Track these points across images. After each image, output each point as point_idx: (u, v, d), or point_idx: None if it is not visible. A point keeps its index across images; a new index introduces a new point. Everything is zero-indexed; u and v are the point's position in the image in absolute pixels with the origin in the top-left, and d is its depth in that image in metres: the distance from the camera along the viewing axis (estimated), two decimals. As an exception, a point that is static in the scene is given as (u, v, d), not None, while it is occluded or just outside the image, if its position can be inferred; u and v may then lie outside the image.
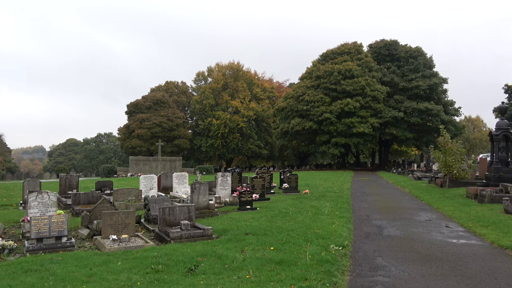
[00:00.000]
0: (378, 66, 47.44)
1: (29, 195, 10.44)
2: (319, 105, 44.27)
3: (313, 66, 49.58)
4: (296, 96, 47.00)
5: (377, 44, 50.39)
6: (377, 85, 44.27)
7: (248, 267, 6.44)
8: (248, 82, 61.30)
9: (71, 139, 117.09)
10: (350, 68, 44.42)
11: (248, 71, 63.88)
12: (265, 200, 15.30)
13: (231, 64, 63.11)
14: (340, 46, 49.33)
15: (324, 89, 45.32)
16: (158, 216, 9.52)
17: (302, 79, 51.36)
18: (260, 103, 60.64)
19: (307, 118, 45.23)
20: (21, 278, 5.84)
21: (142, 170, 44.61)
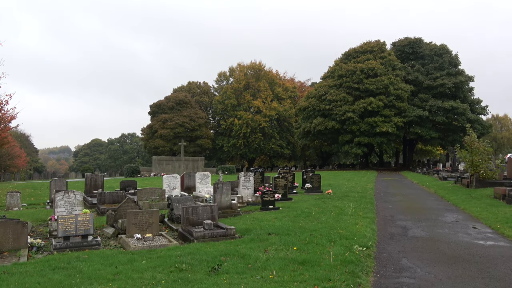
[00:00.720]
0: (402, 65, 46.65)
1: (56, 194, 10.70)
2: (342, 104, 43.87)
3: (336, 65, 49.16)
4: (318, 96, 46.71)
5: (400, 42, 49.58)
6: (401, 84, 43.56)
7: (271, 267, 6.41)
8: (270, 81, 61.26)
9: (96, 140, 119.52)
10: (373, 66, 43.86)
11: (269, 70, 63.85)
12: (287, 200, 15.24)
13: (253, 64, 63.21)
14: (363, 45, 48.75)
15: (347, 88, 44.89)
16: (182, 215, 9.60)
17: (324, 78, 51.00)
18: (282, 102, 60.51)
19: (330, 118, 44.89)
20: (49, 276, 5.97)
21: (165, 170, 45.15)
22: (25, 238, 8.08)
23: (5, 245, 7.78)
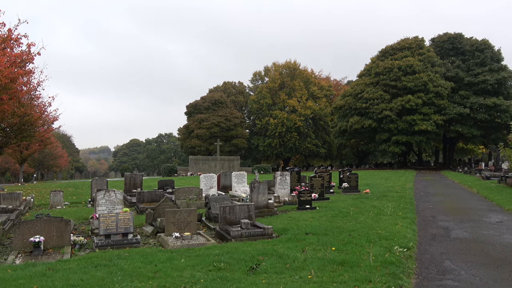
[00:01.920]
0: (442, 61, 45.11)
1: (97, 193, 11.00)
2: (379, 102, 42.96)
3: (372, 63, 48.17)
4: (354, 94, 45.94)
5: (440, 38, 47.99)
6: (440, 81, 42.15)
7: (310, 267, 6.31)
8: (305, 80, 60.81)
9: (134, 140, 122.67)
10: (411, 63, 42.64)
11: (304, 69, 63.41)
12: (324, 199, 15.03)
13: (288, 63, 62.96)
14: (400, 42, 47.50)
15: (384, 86, 43.92)
16: (219, 214, 9.64)
17: (360, 76, 50.11)
18: (317, 101, 59.94)
19: (366, 116, 44.06)
20: (92, 273, 6.11)
21: (201, 169, 45.72)
22: (68, 235, 8.34)
23: (50, 242, 8.05)
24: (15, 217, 11.58)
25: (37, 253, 7.50)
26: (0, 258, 7.62)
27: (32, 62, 20.12)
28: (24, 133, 27.55)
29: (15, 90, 19.47)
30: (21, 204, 14.23)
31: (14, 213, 12.07)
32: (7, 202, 13.86)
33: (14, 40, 18.62)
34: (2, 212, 11.87)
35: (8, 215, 11.42)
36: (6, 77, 17.00)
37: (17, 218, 11.77)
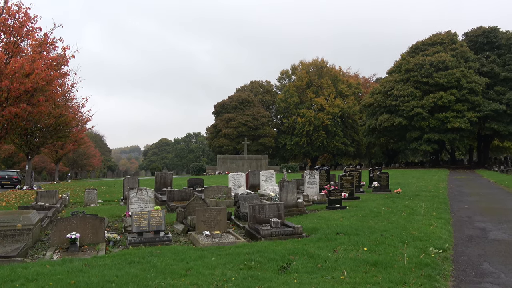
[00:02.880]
0: (476, 56, 43.66)
1: (129, 191, 11.23)
2: (409, 99, 42.03)
3: (402, 59, 47.18)
4: (384, 91, 45.13)
5: (473, 32, 46.47)
6: (474, 76, 40.82)
7: (342, 267, 6.23)
8: (333, 78, 60.21)
9: (163, 139, 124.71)
10: (443, 59, 41.48)
11: (332, 67, 62.78)
12: (354, 199, 14.83)
13: (315, 61, 62.50)
14: (432, 37, 46.31)
15: (415, 82, 42.91)
16: (248, 213, 9.66)
17: (390, 73, 49.19)
18: (346, 99, 59.24)
19: (396, 114, 43.20)
20: (126, 269, 6.23)
21: (229, 168, 45.99)
22: (103, 232, 8.54)
23: (85, 239, 8.28)
24: (52, 214, 11.97)
25: (73, 249, 7.72)
26: (39, 254, 7.90)
27: (67, 65, 20.79)
28: (59, 133, 28.49)
29: (51, 92, 20.15)
30: (57, 202, 14.70)
31: (51, 210, 12.48)
32: (44, 200, 14.34)
33: (50, 44, 19.26)
34: (40, 209, 12.28)
35: (45, 212, 11.82)
36: (42, 80, 17.62)
37: (54, 215, 12.16)
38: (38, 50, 18.68)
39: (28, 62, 17.23)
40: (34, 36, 18.89)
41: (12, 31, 18.30)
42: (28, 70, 17.10)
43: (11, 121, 18.11)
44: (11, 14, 18.24)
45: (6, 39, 18.26)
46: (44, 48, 19.07)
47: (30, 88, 17.37)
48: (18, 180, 33.66)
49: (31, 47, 18.96)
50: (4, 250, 7.30)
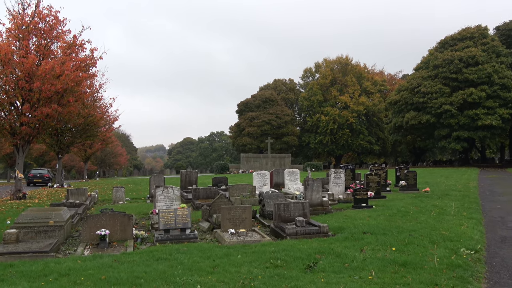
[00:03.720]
0: (508, 50, 42.26)
1: (156, 189, 11.39)
2: (437, 96, 41.10)
3: (430, 55, 46.16)
4: (410, 88, 44.27)
5: (506, 26, 45.01)
6: (506, 72, 39.53)
7: (369, 267, 6.14)
8: (358, 76, 59.48)
9: (187, 138, 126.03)
10: (473, 54, 40.34)
11: (357, 64, 62.03)
12: (381, 198, 14.60)
13: (339, 59, 61.86)
14: (461, 31, 45.07)
15: (443, 78, 41.92)
16: (273, 212, 9.64)
17: (417, 69, 48.21)
18: (371, 97, 58.44)
19: (424, 111, 42.32)
20: (154, 266, 6.33)
21: (252, 166, 46.09)
22: (131, 229, 8.69)
23: (114, 235, 8.44)
24: (82, 211, 12.28)
25: (103, 245, 7.89)
26: (70, 249, 8.11)
27: (95, 66, 21.21)
28: (88, 132, 29.16)
29: (80, 92, 20.62)
30: (86, 199, 15.07)
31: (81, 207, 12.80)
32: (75, 197, 14.74)
33: (79, 46, 19.70)
34: (70, 206, 12.62)
35: (75, 209, 12.13)
36: (72, 81, 18.05)
37: (84, 212, 12.47)
38: (67, 52, 19.14)
39: (58, 63, 17.67)
40: (63, 38, 19.36)
41: (43, 34, 18.81)
42: (58, 72, 17.55)
43: (43, 121, 18.61)
44: (42, 18, 18.74)
45: (38, 42, 18.79)
46: (73, 50, 19.53)
47: (60, 89, 17.82)
48: (49, 178, 34.70)
49: (61, 49, 19.43)
50: (37, 246, 7.53)
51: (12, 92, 17.89)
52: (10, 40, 18.07)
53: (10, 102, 18.19)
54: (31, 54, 17.89)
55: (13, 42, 18.08)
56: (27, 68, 17.25)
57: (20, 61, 17.26)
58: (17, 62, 17.29)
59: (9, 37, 18.18)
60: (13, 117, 18.23)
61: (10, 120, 18.15)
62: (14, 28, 18.22)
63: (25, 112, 18.05)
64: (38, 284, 5.44)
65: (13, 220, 10.01)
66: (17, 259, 6.95)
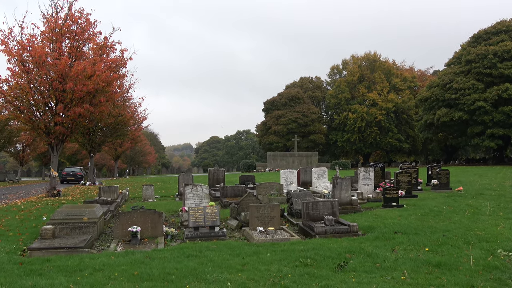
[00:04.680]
0: (546, 44, 40.52)
1: (185, 187, 11.53)
2: (470, 92, 39.87)
3: (462, 50, 44.79)
4: (442, 84, 43.13)
5: (543, 18, 43.16)
6: (544, 66, 37.94)
7: (402, 267, 6.01)
8: (386, 72, 58.42)
9: (214, 137, 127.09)
10: (509, 48, 38.89)
11: (385, 61, 60.90)
12: (412, 197, 14.28)
13: (367, 55, 60.92)
14: (496, 25, 43.50)
15: (476, 74, 40.61)
16: (302, 210, 9.59)
17: (448, 65, 46.92)
18: (400, 94, 57.27)
19: (456, 108, 41.15)
20: (184, 262, 6.41)
21: (279, 165, 46.00)
22: (161, 227, 8.83)
23: (145, 232, 8.60)
24: (113, 208, 12.57)
25: (135, 242, 8.05)
26: (103, 245, 8.31)
27: (125, 67, 21.65)
28: (118, 132, 29.87)
29: (111, 92, 21.13)
30: (118, 197, 15.41)
31: (113, 204, 13.10)
32: (106, 195, 15.09)
33: (109, 47, 20.16)
34: (103, 203, 12.94)
35: (108, 206, 12.42)
36: (103, 81, 18.51)
37: (115, 210, 12.75)
38: (98, 53, 19.65)
39: (89, 64, 18.16)
40: (94, 40, 19.87)
41: (75, 36, 19.36)
42: (90, 72, 18.03)
43: (76, 121, 19.18)
44: (74, 20, 19.28)
45: (70, 44, 19.34)
46: (104, 51, 20.02)
47: (91, 89, 18.31)
48: (82, 176, 35.72)
49: (92, 51, 19.96)
50: (72, 241, 7.75)
51: (46, 93, 18.50)
52: (44, 42, 18.66)
53: (45, 103, 18.81)
54: (64, 55, 18.43)
55: (47, 44, 18.67)
56: (60, 69, 17.78)
57: (53, 62, 17.81)
58: (51, 63, 17.85)
59: (43, 40, 18.78)
60: (47, 117, 18.83)
61: (45, 120, 18.76)
62: (48, 31, 18.80)
63: (59, 112, 18.63)
64: (75, 279, 5.59)
65: (48, 217, 10.35)
66: (54, 254, 7.17)
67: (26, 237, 8.73)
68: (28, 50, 17.77)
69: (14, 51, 17.76)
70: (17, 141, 40.36)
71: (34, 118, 18.82)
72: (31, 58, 17.65)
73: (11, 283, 5.39)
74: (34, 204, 14.95)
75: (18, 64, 17.87)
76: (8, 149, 41.67)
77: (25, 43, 17.85)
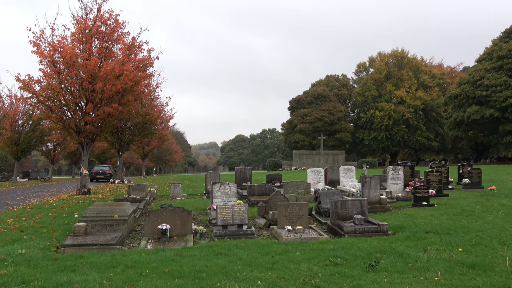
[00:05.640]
0: None
1: (213, 186, 11.60)
2: (502, 89, 38.63)
3: (494, 46, 43.42)
4: (472, 81, 41.94)
5: None
6: None
7: (435, 268, 5.88)
8: (414, 69, 57.25)
9: (239, 135, 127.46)
10: (543, 43, 37.49)
11: (413, 57, 59.69)
12: (442, 196, 13.95)
13: (395, 52, 59.83)
14: (529, 19, 41.94)
15: (509, 70, 39.35)
16: (330, 209, 9.51)
17: (479, 61, 45.56)
18: (429, 91, 56.03)
19: (487, 105, 39.95)
20: (214, 260, 6.45)
21: (305, 163, 45.77)
22: (190, 224, 8.92)
23: (174, 230, 8.70)
24: (143, 206, 12.79)
25: (164, 239, 8.16)
26: (134, 243, 8.46)
27: (152, 66, 21.96)
28: (146, 131, 30.37)
29: (139, 92, 21.50)
30: (146, 195, 15.68)
31: (142, 202, 13.34)
32: (135, 193, 15.38)
33: (137, 47, 20.50)
34: (132, 201, 13.19)
35: (137, 204, 12.66)
36: (131, 80, 18.85)
37: (145, 207, 12.98)
38: (126, 53, 20.01)
39: (118, 64, 18.53)
40: (123, 40, 20.25)
41: (104, 37, 19.79)
42: (118, 72, 18.40)
43: (105, 120, 19.62)
44: (103, 21, 19.70)
45: (99, 45, 19.78)
46: (132, 51, 20.36)
47: (120, 89, 18.68)
48: (111, 175, 36.52)
49: (121, 51, 20.35)
50: (104, 238, 7.93)
51: (77, 93, 18.98)
52: (75, 43, 19.13)
53: (75, 103, 19.30)
54: (93, 56, 18.85)
55: (77, 45, 19.12)
56: (90, 69, 18.21)
57: (83, 63, 18.26)
58: (81, 64, 18.30)
59: (73, 41, 19.25)
60: (78, 116, 19.30)
61: (76, 119, 19.25)
62: (78, 32, 19.27)
63: (89, 111, 19.09)
64: (107, 275, 5.71)
65: (80, 214, 10.62)
66: (86, 251, 7.35)
67: (59, 234, 8.97)
68: (59, 51, 18.25)
69: (45, 52, 18.27)
70: (49, 140, 41.58)
71: (65, 118, 19.34)
72: (62, 59, 18.13)
73: (46, 279, 5.52)
74: (65, 202, 15.37)
75: (49, 65, 18.40)
76: (40, 148, 42.97)
77: (56, 45, 18.35)
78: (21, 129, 34.53)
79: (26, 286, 5.27)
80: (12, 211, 12.97)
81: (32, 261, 6.54)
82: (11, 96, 33.84)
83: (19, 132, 34.21)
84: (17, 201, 17.21)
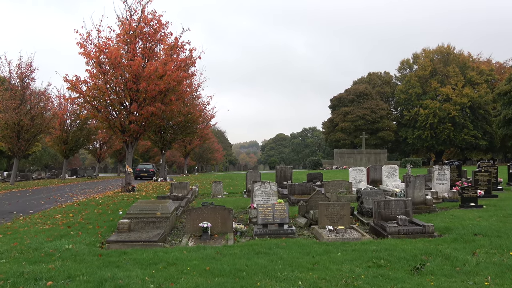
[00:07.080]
0: None
1: (253, 185, 11.64)
2: (559, 84, 36.27)
3: (549, 38, 40.81)
4: (524, 76, 39.67)
5: None
6: None
7: (485, 272, 5.60)
8: (461, 65, 54.91)
9: (280, 134, 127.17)
10: None
11: (460, 53, 57.28)
12: (491, 197, 13.31)
13: (440, 48, 57.68)
14: None
15: None
16: (373, 209, 9.29)
17: (532, 55, 42.95)
18: (476, 88, 53.57)
19: (541, 102, 37.66)
20: (254, 259, 6.45)
21: (346, 162, 45.05)
22: (231, 223, 8.99)
23: (215, 228, 8.80)
24: (184, 204, 13.02)
25: (205, 237, 8.27)
26: (175, 240, 8.64)
27: (194, 66, 22.32)
28: (188, 129, 30.92)
29: (181, 91, 21.92)
30: (188, 193, 15.96)
31: (184, 200, 13.58)
32: (177, 191, 15.70)
33: (180, 47, 20.90)
34: (174, 199, 13.47)
35: (179, 202, 12.90)
36: (174, 80, 19.24)
37: (186, 205, 13.22)
38: (169, 54, 20.44)
39: (161, 65, 18.96)
40: (166, 41, 20.70)
41: (148, 37, 20.31)
42: (161, 72, 18.83)
43: (148, 119, 20.15)
44: (147, 22, 20.21)
45: (143, 45, 20.33)
46: (175, 51, 20.78)
47: (163, 88, 19.11)
48: (154, 173, 37.51)
49: (164, 51, 20.81)
50: (147, 235, 8.14)
51: (121, 93, 19.59)
52: (119, 44, 19.74)
53: (120, 102, 19.92)
54: (137, 57, 19.38)
55: (122, 46, 19.72)
56: (134, 70, 18.73)
57: (128, 63, 18.80)
58: (125, 65, 18.85)
59: (118, 42, 19.88)
60: (122, 115, 19.92)
61: (120, 118, 19.87)
62: (123, 33, 19.87)
63: (133, 111, 19.66)
64: (150, 272, 5.84)
65: (124, 211, 10.95)
66: (130, 247, 7.56)
67: (104, 230, 9.28)
68: (105, 52, 18.87)
69: (92, 53, 18.96)
70: (95, 139, 43.19)
71: (110, 117, 20.00)
72: (107, 60, 18.75)
73: (91, 274, 5.71)
74: (110, 199, 15.92)
75: (95, 66, 19.09)
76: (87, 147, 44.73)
77: (101, 46, 19.01)
78: (69, 128, 36.04)
79: (72, 280, 5.47)
80: (60, 208, 13.58)
81: (78, 256, 6.79)
82: (60, 97, 35.37)
83: (68, 131, 35.72)
84: (65, 197, 18.02)
